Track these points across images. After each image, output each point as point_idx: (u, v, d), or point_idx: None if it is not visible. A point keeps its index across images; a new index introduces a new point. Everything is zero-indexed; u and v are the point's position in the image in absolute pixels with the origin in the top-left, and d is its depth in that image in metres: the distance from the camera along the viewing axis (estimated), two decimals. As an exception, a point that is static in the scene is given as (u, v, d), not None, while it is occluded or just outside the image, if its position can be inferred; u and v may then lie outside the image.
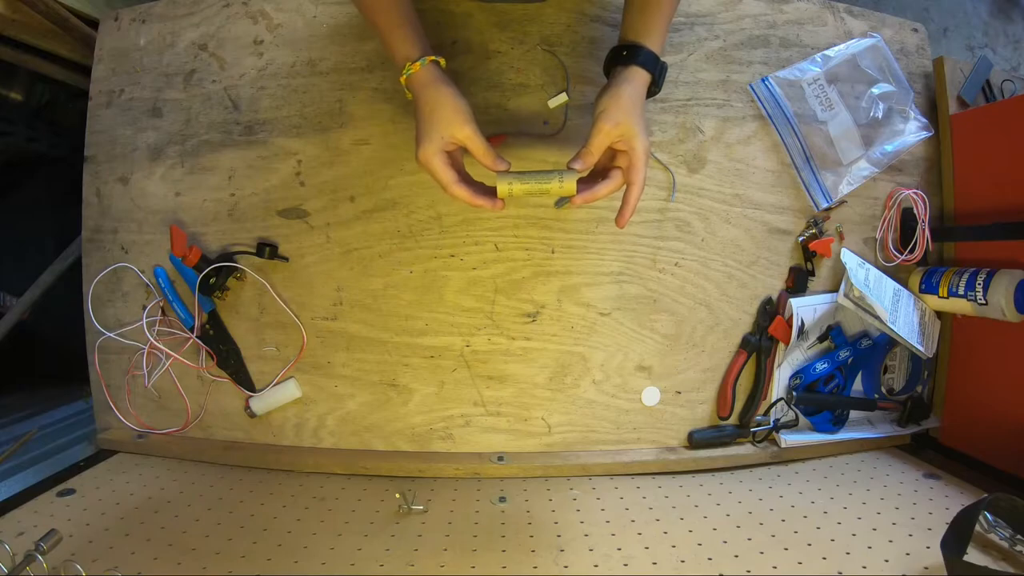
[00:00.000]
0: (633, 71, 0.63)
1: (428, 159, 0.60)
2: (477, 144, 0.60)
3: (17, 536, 0.64)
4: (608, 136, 0.59)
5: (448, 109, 0.60)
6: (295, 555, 0.64)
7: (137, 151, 0.85)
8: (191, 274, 0.82)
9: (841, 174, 0.85)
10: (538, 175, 0.61)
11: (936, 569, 0.59)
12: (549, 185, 0.60)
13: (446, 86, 0.61)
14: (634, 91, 0.62)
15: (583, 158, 0.60)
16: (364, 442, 0.84)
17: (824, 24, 0.88)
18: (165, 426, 0.85)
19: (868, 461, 0.85)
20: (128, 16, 0.87)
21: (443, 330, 0.83)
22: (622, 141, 0.60)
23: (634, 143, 0.60)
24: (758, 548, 0.65)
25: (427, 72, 0.61)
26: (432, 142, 0.60)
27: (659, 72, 0.65)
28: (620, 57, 0.64)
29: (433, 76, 0.61)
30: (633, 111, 0.61)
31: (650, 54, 0.63)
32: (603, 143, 0.60)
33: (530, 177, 0.61)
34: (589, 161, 0.60)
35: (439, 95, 0.60)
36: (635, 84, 0.63)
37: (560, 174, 0.60)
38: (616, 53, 0.66)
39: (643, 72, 0.63)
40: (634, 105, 0.61)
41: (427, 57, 0.61)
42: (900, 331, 0.82)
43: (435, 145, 0.60)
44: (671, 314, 0.85)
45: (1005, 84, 0.89)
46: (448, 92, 0.61)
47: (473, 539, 0.68)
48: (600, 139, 0.59)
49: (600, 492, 0.79)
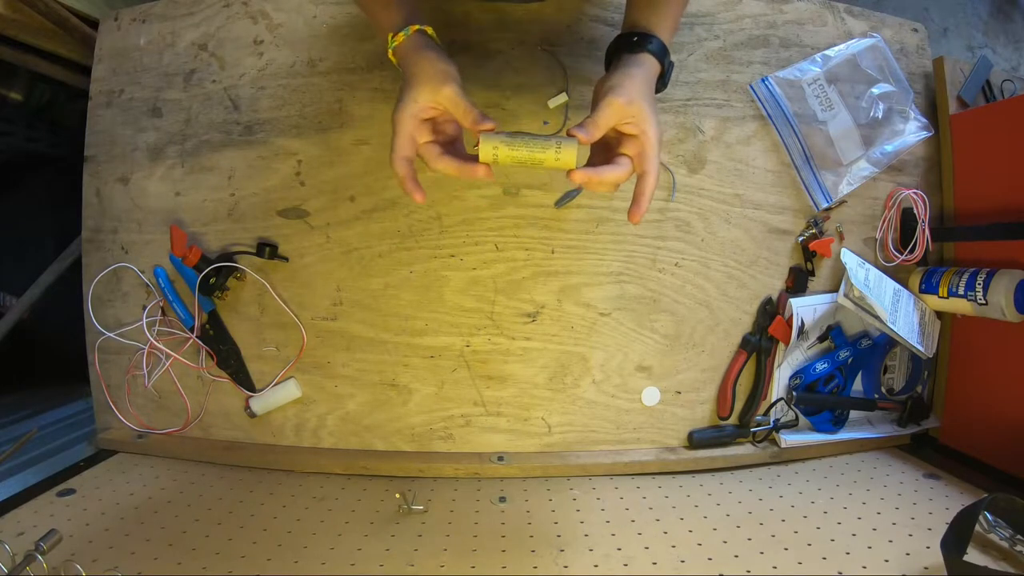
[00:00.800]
0: (645, 57, 0.57)
1: (399, 119, 0.53)
2: (458, 102, 0.53)
3: (17, 536, 0.64)
4: (618, 112, 0.52)
5: (428, 71, 0.53)
6: (295, 555, 0.64)
7: (137, 151, 0.85)
8: (191, 274, 0.82)
9: (841, 174, 0.85)
10: (531, 140, 0.52)
11: (936, 569, 0.59)
12: (544, 154, 0.52)
13: (430, 50, 0.55)
14: (645, 74, 0.56)
15: (588, 127, 0.51)
16: (364, 442, 0.84)
17: (824, 24, 0.88)
18: (165, 426, 0.85)
19: (868, 461, 0.85)
20: (128, 16, 0.87)
21: (443, 330, 0.83)
22: (633, 123, 0.53)
23: (646, 127, 0.53)
24: (758, 548, 0.65)
25: (411, 40, 0.56)
26: (405, 105, 0.53)
27: (668, 66, 0.60)
28: (630, 43, 0.58)
29: (417, 44, 0.56)
30: (646, 94, 0.55)
31: (661, 44, 0.58)
32: (612, 118, 0.52)
33: (521, 142, 0.52)
34: (594, 133, 0.52)
35: (420, 59, 0.55)
36: (646, 69, 0.56)
37: (557, 141, 0.52)
38: (625, 40, 0.59)
39: (654, 60, 0.58)
40: (648, 88, 0.55)
41: (411, 27, 0.56)
42: (900, 331, 0.82)
43: (409, 108, 0.53)
44: (671, 314, 0.85)
45: (1005, 84, 0.89)
46: (431, 55, 0.55)
47: (473, 539, 0.68)
48: (609, 112, 0.52)
49: (600, 492, 0.79)
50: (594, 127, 0.52)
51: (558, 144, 0.52)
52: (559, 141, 0.52)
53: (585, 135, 0.51)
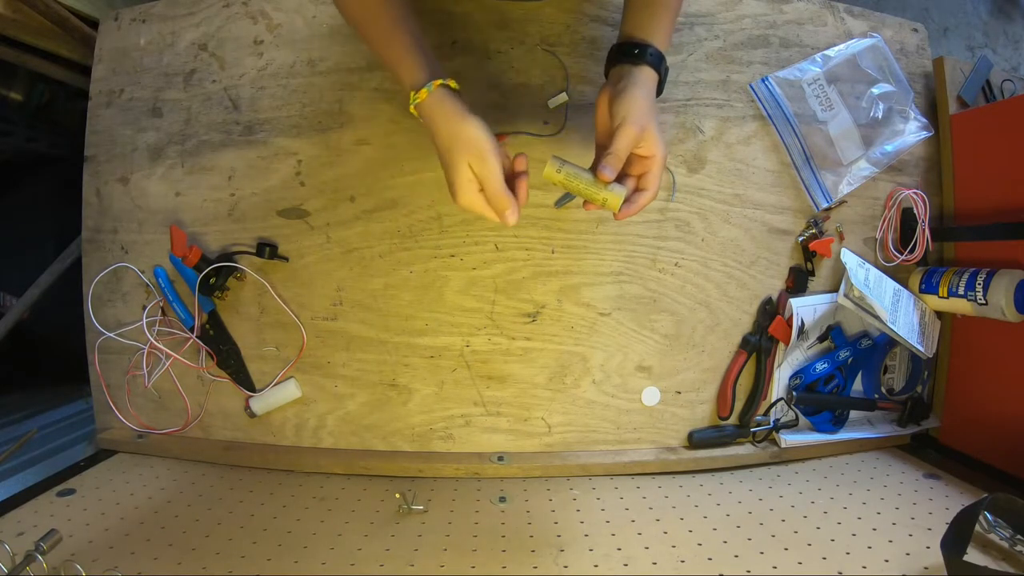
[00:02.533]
0: (644, 71, 0.60)
1: (470, 204, 0.57)
2: (492, 185, 0.56)
3: (17, 536, 0.64)
4: (635, 142, 0.57)
5: (462, 143, 0.56)
6: (295, 555, 0.64)
7: (137, 151, 0.85)
8: (191, 274, 0.82)
9: (841, 174, 0.85)
10: (587, 178, 0.58)
11: (936, 569, 0.59)
12: (595, 195, 0.58)
13: (458, 113, 0.57)
14: (649, 94, 0.60)
15: (612, 165, 0.56)
16: (364, 442, 0.84)
17: (824, 24, 0.88)
18: (165, 426, 0.85)
19: (868, 461, 0.85)
20: (128, 16, 0.87)
21: (443, 330, 0.83)
22: (644, 147, 0.58)
23: (655, 150, 0.58)
24: (758, 548, 0.65)
25: (435, 99, 0.58)
26: (463, 188, 0.57)
27: (664, 73, 0.63)
28: (631, 55, 0.61)
29: (443, 104, 0.58)
30: (652, 115, 0.59)
31: (658, 53, 0.62)
32: (627, 149, 0.57)
33: (581, 178, 0.58)
34: (616, 165, 0.57)
35: (452, 125, 0.57)
36: (648, 86, 0.60)
37: (609, 188, 0.58)
38: (625, 50, 0.62)
39: (653, 72, 0.61)
40: (652, 109, 0.59)
41: (434, 81, 0.58)
42: (900, 331, 0.82)
43: (469, 188, 0.57)
44: (671, 314, 0.85)
45: (1005, 84, 0.89)
46: (461, 121, 0.57)
47: (473, 539, 0.68)
48: (626, 144, 0.56)
49: (600, 492, 0.79)
50: (617, 161, 0.57)
51: (608, 190, 0.58)
52: (610, 188, 0.58)
53: (610, 174, 0.56)
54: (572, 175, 0.58)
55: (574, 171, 0.58)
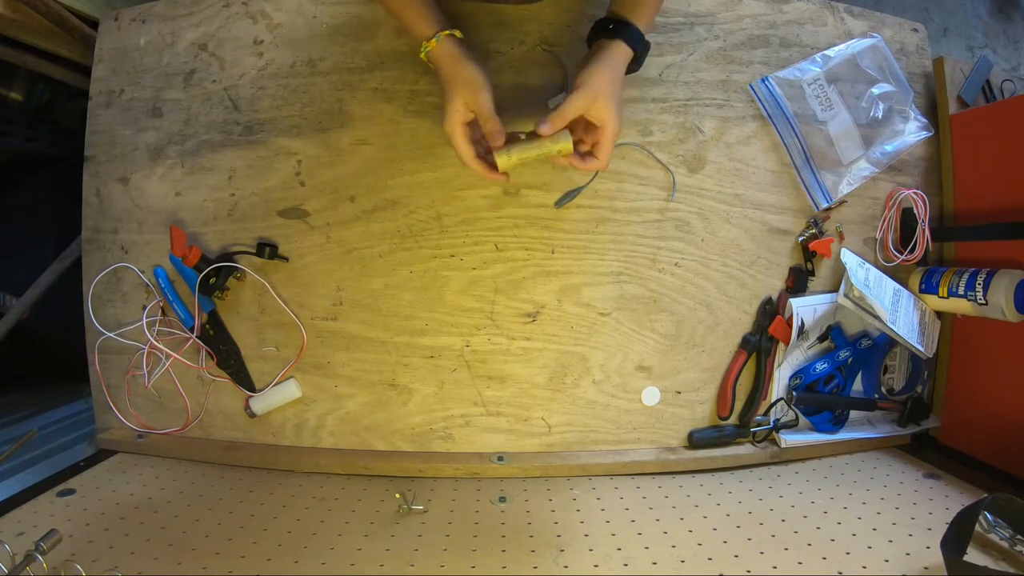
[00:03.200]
0: (617, 45, 0.64)
1: (451, 131, 0.64)
2: (483, 110, 0.63)
3: (17, 536, 0.64)
4: (582, 107, 0.61)
5: (461, 78, 0.63)
6: (295, 555, 0.64)
7: (137, 151, 0.85)
8: (191, 274, 0.82)
9: (841, 174, 0.85)
10: (534, 144, 0.64)
11: (936, 569, 0.59)
12: (549, 150, 0.64)
13: (461, 58, 0.64)
14: (614, 67, 0.63)
15: (551, 121, 0.61)
16: (364, 442, 0.84)
17: (824, 24, 0.88)
18: (165, 426, 0.85)
19: (868, 461, 0.85)
20: (128, 16, 0.87)
21: (443, 330, 0.83)
22: (596, 117, 0.62)
23: (606, 119, 0.61)
24: (758, 548, 0.65)
25: (443, 47, 0.65)
26: (452, 115, 0.64)
27: (642, 50, 0.66)
28: (606, 30, 0.65)
29: (449, 51, 0.65)
30: (610, 87, 0.62)
31: (636, 31, 0.64)
32: (574, 112, 0.61)
33: (527, 147, 0.64)
34: (557, 124, 0.61)
35: (455, 67, 0.64)
36: (616, 60, 0.64)
37: (553, 139, 0.63)
38: (602, 25, 0.66)
39: (626, 48, 0.64)
40: (612, 81, 0.63)
41: (442, 32, 0.64)
42: (900, 331, 0.82)
43: (455, 118, 0.64)
44: (671, 314, 0.85)
45: (1005, 84, 0.89)
46: (462, 64, 0.64)
47: (473, 539, 0.68)
48: (571, 108, 0.61)
49: (600, 492, 0.79)
50: (558, 119, 0.62)
51: (554, 141, 0.63)
52: (554, 139, 0.64)
53: (547, 128, 0.62)
54: (521, 150, 0.64)
55: (520, 146, 0.64)
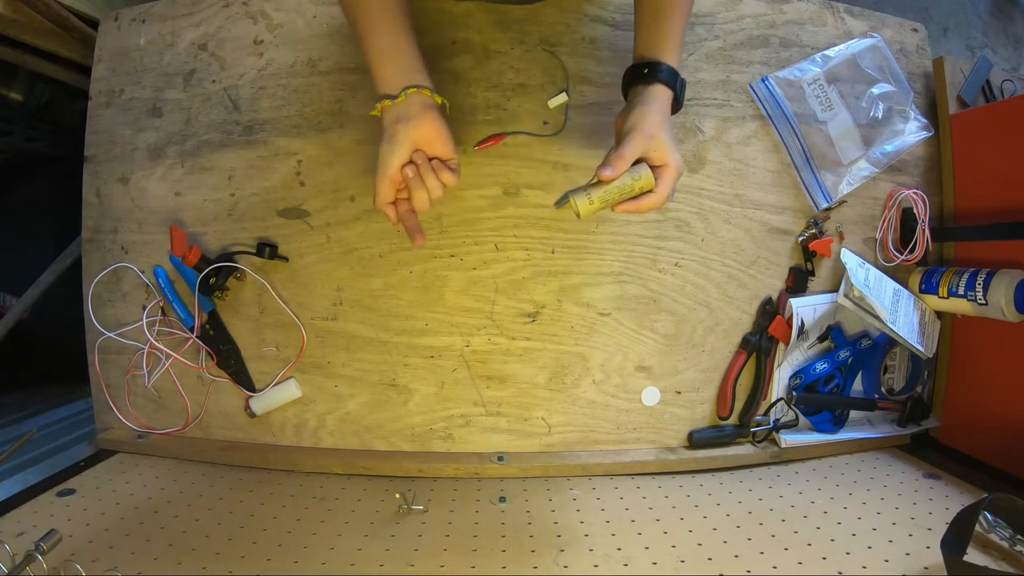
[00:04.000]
0: (657, 89, 0.61)
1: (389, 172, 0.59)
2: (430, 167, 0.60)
3: (17, 536, 0.64)
4: (641, 147, 0.58)
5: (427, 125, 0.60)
6: (295, 555, 0.64)
7: (137, 151, 0.85)
8: (191, 274, 0.82)
9: (841, 174, 0.85)
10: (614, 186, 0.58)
11: (936, 569, 0.59)
12: (631, 188, 0.59)
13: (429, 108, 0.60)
14: (660, 108, 0.61)
15: (613, 163, 0.57)
16: (364, 442, 0.84)
17: (824, 24, 0.88)
18: (165, 426, 0.85)
19: (868, 461, 0.85)
20: (128, 16, 0.87)
21: (443, 330, 0.83)
22: (657, 155, 0.59)
23: (668, 158, 0.59)
24: (758, 548, 0.65)
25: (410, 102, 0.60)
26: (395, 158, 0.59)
27: (680, 88, 0.63)
28: (641, 76, 0.62)
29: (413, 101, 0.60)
30: (664, 127, 0.59)
31: (670, 70, 0.62)
32: (635, 152, 0.58)
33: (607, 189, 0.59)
34: (620, 166, 0.57)
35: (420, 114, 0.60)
36: (661, 102, 0.61)
37: (632, 175, 0.58)
38: (636, 72, 0.63)
39: (665, 89, 0.62)
40: (664, 121, 0.60)
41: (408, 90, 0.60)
42: (900, 331, 0.82)
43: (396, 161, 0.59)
44: (671, 314, 0.85)
45: (1005, 84, 0.89)
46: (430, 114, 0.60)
47: (473, 539, 0.68)
48: (632, 148, 0.57)
49: (600, 492, 0.79)
50: (620, 161, 0.57)
51: (634, 178, 0.59)
52: (634, 176, 0.59)
53: (611, 172, 0.57)
54: (602, 195, 0.59)
55: (600, 191, 0.59)
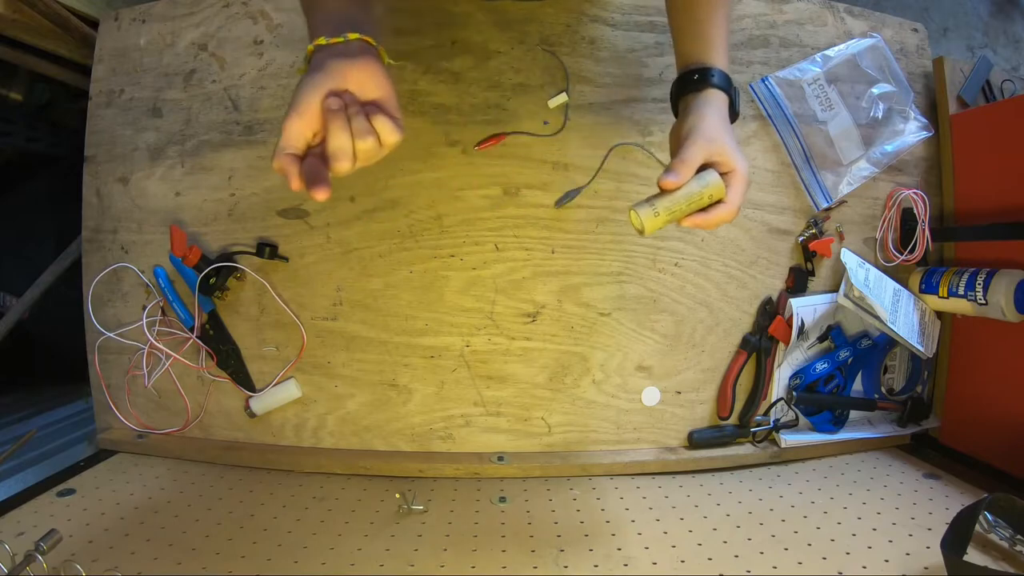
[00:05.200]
0: (711, 94, 0.56)
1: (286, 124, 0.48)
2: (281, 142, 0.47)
3: (17, 536, 0.64)
4: (704, 151, 0.53)
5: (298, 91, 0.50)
6: (295, 555, 0.64)
7: (137, 151, 0.85)
8: (191, 274, 0.82)
9: (841, 174, 0.85)
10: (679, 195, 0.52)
11: (936, 569, 0.59)
12: (700, 201, 0.53)
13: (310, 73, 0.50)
14: (719, 112, 0.56)
15: (678, 170, 0.52)
16: (364, 442, 0.84)
17: (824, 24, 0.88)
18: (165, 426, 0.85)
19: (868, 461, 0.85)
20: (128, 16, 0.87)
21: (443, 330, 0.83)
22: (721, 161, 0.53)
23: (735, 164, 0.54)
24: (758, 548, 0.65)
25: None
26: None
27: (735, 95, 0.58)
28: (691, 83, 0.57)
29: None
30: (725, 131, 0.55)
31: (722, 74, 0.57)
32: (699, 157, 0.53)
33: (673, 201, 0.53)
34: (685, 174, 0.52)
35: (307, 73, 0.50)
36: (717, 106, 0.56)
37: (701, 184, 0.52)
38: (684, 81, 0.58)
39: (721, 93, 0.57)
40: (724, 123, 0.55)
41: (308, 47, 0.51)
42: (900, 331, 0.82)
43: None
44: (671, 314, 0.85)
45: (1005, 84, 0.89)
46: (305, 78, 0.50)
47: (473, 539, 0.68)
48: (695, 151, 0.52)
49: (600, 492, 0.79)
50: (683, 167, 0.52)
51: (703, 186, 0.53)
52: (702, 183, 0.53)
53: (675, 178, 0.52)
54: (670, 204, 0.53)
55: (666, 201, 0.53)
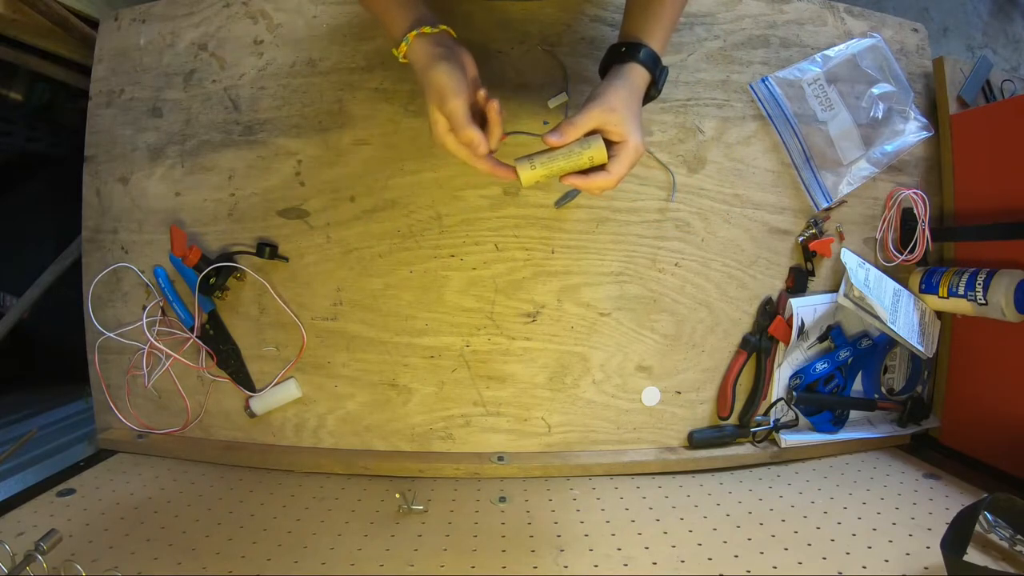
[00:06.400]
0: (632, 68, 0.59)
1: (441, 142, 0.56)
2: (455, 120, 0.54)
3: (17, 536, 0.64)
4: (597, 119, 0.55)
5: (431, 88, 0.55)
6: (295, 555, 0.64)
7: (137, 151, 0.85)
8: (191, 274, 0.82)
9: (841, 174, 0.85)
10: (563, 153, 0.56)
11: (936, 569, 0.59)
12: (580, 160, 0.56)
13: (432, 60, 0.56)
14: (632, 87, 0.59)
15: (562, 130, 0.55)
16: (364, 442, 0.84)
17: (824, 24, 0.88)
18: (165, 426, 0.85)
19: (868, 461, 0.85)
20: (128, 16, 0.87)
21: (443, 330, 0.83)
22: (615, 131, 0.56)
23: (627, 135, 0.56)
24: (758, 548, 0.65)
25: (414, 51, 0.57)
26: (434, 127, 0.56)
27: (659, 73, 0.61)
28: (618, 54, 0.61)
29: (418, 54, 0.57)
30: (629, 104, 0.57)
31: (650, 52, 0.60)
32: (588, 121, 0.55)
33: (552, 157, 0.56)
34: (569, 133, 0.55)
35: (425, 73, 0.56)
36: (633, 81, 0.59)
37: (582, 145, 0.55)
38: (614, 50, 0.62)
39: (642, 70, 0.60)
40: (630, 98, 0.58)
41: (410, 34, 0.57)
42: (900, 331, 0.82)
43: (438, 128, 0.56)
44: (671, 314, 0.85)
45: (1005, 84, 0.89)
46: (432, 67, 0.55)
47: (473, 539, 0.68)
48: (587, 118, 0.55)
49: (600, 492, 0.79)
50: (570, 128, 0.55)
51: (583, 147, 0.56)
52: (583, 144, 0.56)
53: (556, 138, 0.55)
54: (546, 160, 0.56)
55: (544, 157, 0.56)
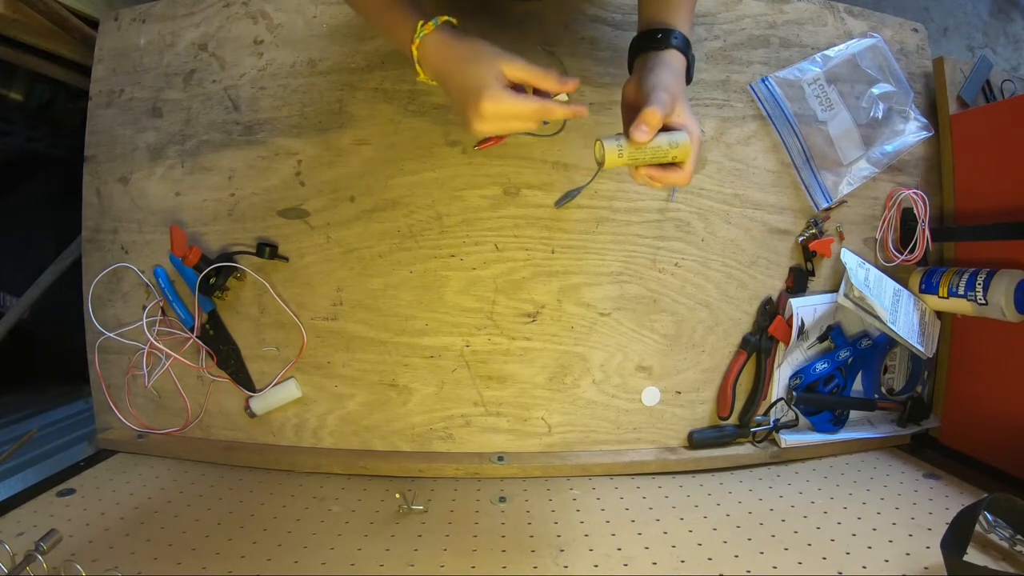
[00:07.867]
0: (671, 54, 0.57)
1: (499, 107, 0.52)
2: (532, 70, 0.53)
3: (17, 536, 0.64)
4: (668, 107, 0.52)
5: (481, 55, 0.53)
6: (295, 555, 0.64)
7: (137, 151, 0.85)
8: (191, 274, 0.82)
9: (841, 174, 0.85)
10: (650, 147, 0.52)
11: (936, 569, 0.59)
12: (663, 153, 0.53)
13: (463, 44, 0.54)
14: (678, 73, 0.56)
15: (647, 122, 0.51)
16: (364, 442, 0.84)
17: (824, 24, 0.88)
18: (165, 426, 0.85)
19: (868, 461, 0.85)
20: (128, 16, 0.87)
21: (443, 330, 0.83)
22: (677, 122, 0.53)
23: (692, 125, 0.54)
24: (758, 548, 0.65)
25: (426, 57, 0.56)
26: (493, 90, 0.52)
27: (691, 60, 0.59)
28: (654, 40, 0.58)
29: (435, 56, 0.55)
30: (681, 91, 0.55)
31: (683, 37, 0.58)
32: (663, 113, 0.52)
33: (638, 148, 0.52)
34: (653, 123, 0.51)
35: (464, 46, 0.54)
36: (676, 67, 0.56)
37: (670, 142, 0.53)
38: (648, 37, 0.58)
39: (680, 55, 0.57)
40: (682, 84, 0.56)
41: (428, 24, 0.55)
42: (900, 331, 0.82)
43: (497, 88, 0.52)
44: (671, 314, 0.85)
45: (1005, 84, 0.89)
46: (471, 48, 0.54)
47: (473, 539, 0.68)
48: (660, 107, 0.51)
49: (600, 492, 0.79)
50: (652, 117, 0.52)
51: (672, 144, 0.53)
52: (672, 141, 0.53)
53: (643, 134, 0.51)
54: (632, 151, 0.52)
55: (633, 147, 0.52)
